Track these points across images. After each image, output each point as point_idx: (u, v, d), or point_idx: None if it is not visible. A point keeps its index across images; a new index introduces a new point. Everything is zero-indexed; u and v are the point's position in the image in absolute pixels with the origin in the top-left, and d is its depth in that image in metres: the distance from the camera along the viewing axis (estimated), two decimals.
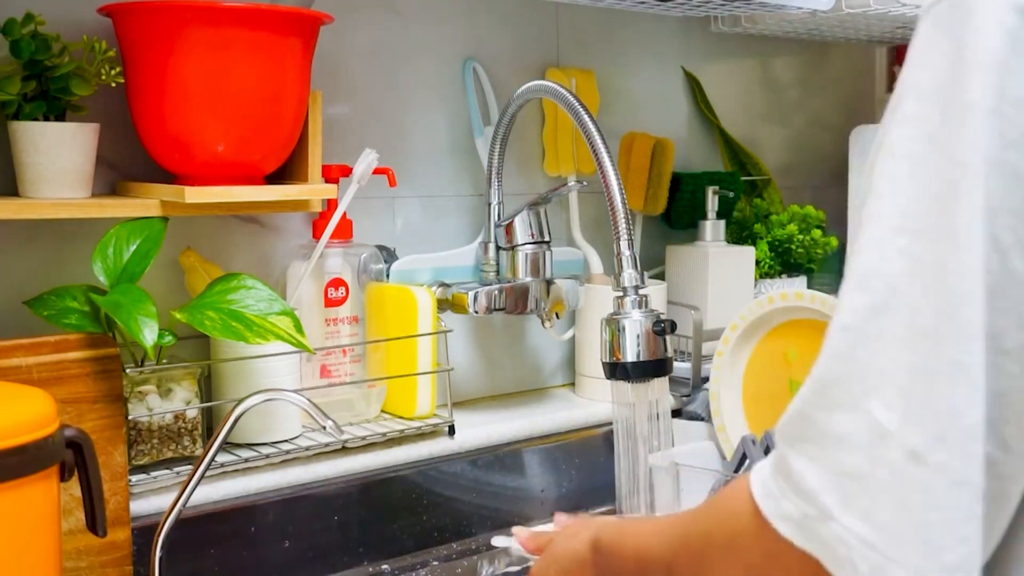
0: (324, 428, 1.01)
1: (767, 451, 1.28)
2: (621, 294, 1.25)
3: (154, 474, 1.13)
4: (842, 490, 0.55)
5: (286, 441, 1.24)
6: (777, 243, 1.70)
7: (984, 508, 0.54)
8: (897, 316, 0.55)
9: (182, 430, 1.15)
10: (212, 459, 1.02)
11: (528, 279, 1.40)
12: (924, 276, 0.54)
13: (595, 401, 1.52)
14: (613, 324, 1.24)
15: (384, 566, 1.28)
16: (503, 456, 1.40)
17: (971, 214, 0.53)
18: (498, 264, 1.43)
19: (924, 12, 0.59)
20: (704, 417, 1.45)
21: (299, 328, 1.14)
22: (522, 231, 1.40)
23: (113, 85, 1.11)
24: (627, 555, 0.80)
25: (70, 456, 0.88)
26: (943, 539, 0.54)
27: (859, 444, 0.55)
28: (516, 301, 1.39)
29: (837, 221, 1.79)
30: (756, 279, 1.67)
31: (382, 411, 1.34)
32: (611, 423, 1.29)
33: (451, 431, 1.35)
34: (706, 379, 1.45)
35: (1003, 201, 0.53)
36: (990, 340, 0.53)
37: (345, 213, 1.28)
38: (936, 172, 0.55)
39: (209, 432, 1.19)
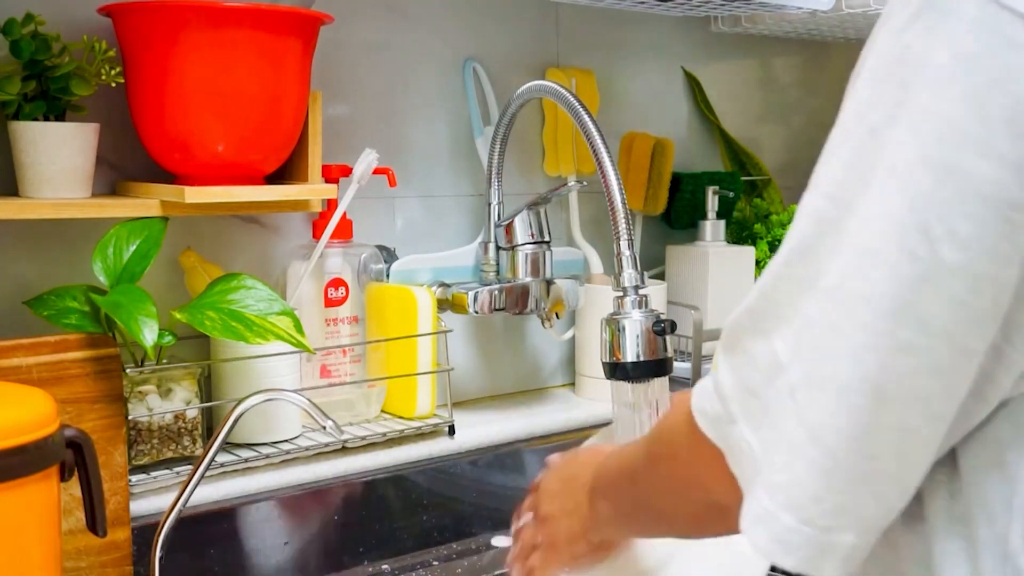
0: (324, 428, 1.01)
1: None
2: (621, 294, 1.24)
3: (154, 474, 1.13)
4: (744, 402, 0.64)
5: (286, 441, 1.24)
6: (777, 243, 1.70)
7: (853, 465, 0.59)
8: (804, 268, 0.61)
9: (182, 430, 1.15)
10: (212, 459, 1.02)
11: (528, 279, 1.40)
12: (832, 240, 0.60)
13: (595, 401, 1.52)
14: (613, 324, 1.24)
15: (384, 566, 1.28)
16: (503, 456, 1.40)
17: (889, 204, 0.57)
18: (498, 264, 1.43)
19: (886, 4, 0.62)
20: None
21: (299, 328, 1.14)
22: (522, 231, 1.41)
23: (113, 85, 1.11)
24: (613, 476, 0.87)
25: (70, 456, 0.88)
26: (787, 477, 0.61)
27: (762, 367, 0.63)
28: (516, 301, 1.39)
29: None
30: (756, 279, 1.67)
31: (382, 411, 1.34)
32: (611, 423, 1.28)
33: (451, 431, 1.35)
34: None
35: (934, 194, 0.56)
36: (920, 322, 0.57)
37: (345, 213, 1.28)
38: (865, 156, 0.59)
39: (209, 432, 1.19)
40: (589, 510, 0.90)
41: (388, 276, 1.37)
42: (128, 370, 1.11)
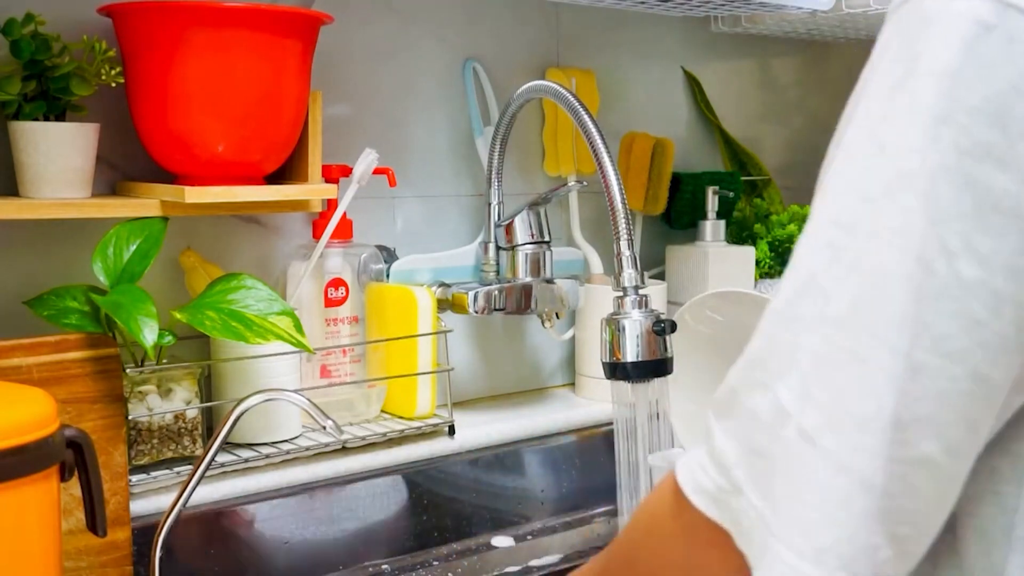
0: (324, 428, 1.01)
1: None
2: (621, 294, 1.24)
3: (154, 474, 1.13)
4: (750, 466, 0.58)
5: (286, 441, 1.24)
6: (777, 243, 1.70)
7: (880, 500, 0.55)
8: (811, 302, 0.56)
9: (182, 430, 1.15)
10: (212, 459, 1.02)
11: (528, 279, 1.40)
12: (843, 267, 0.56)
13: (595, 401, 1.52)
14: (613, 324, 1.24)
15: (384, 566, 1.28)
16: (503, 456, 1.40)
17: (907, 218, 0.54)
18: (498, 264, 1.43)
19: (889, 13, 0.59)
20: None
21: (299, 328, 1.14)
22: (522, 231, 1.40)
23: (113, 85, 1.11)
24: None
25: (70, 456, 0.88)
26: (818, 520, 0.55)
27: (765, 423, 0.57)
28: (516, 301, 1.39)
29: None
30: (756, 279, 1.67)
31: (382, 411, 1.34)
32: (611, 423, 1.29)
33: (451, 431, 1.35)
34: None
35: (953, 207, 0.53)
36: (935, 342, 0.53)
37: (345, 213, 1.28)
38: (877, 173, 0.55)
39: (209, 432, 1.19)
40: None
41: (388, 276, 1.37)
42: (128, 370, 1.11)
